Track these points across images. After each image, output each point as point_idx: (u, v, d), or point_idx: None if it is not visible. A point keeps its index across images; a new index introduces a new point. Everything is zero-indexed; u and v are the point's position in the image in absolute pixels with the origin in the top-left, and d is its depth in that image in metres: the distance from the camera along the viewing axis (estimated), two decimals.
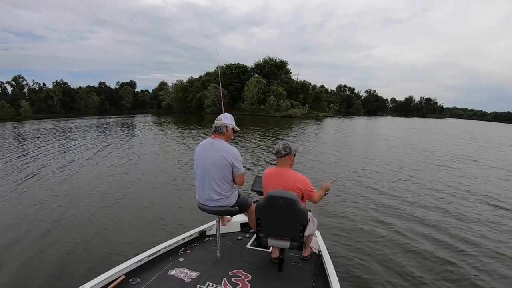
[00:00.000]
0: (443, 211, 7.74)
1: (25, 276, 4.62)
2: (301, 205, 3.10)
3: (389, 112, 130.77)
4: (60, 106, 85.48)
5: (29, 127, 36.46)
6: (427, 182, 10.69)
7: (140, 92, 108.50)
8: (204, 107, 73.57)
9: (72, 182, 10.06)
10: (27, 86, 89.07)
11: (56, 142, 20.80)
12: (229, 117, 3.54)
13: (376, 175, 10.60)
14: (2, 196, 8.60)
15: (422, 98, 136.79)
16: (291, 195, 3.10)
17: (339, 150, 17.91)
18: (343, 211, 7.49)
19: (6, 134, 29.62)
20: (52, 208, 7.62)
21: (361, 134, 30.88)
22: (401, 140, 25.93)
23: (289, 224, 3.18)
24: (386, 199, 8.63)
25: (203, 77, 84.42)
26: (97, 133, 27.77)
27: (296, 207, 3.06)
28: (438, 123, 72.52)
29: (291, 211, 3.08)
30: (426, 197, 8.95)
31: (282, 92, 70.87)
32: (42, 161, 13.87)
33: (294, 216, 3.11)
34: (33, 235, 6.07)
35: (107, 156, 15.10)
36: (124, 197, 8.49)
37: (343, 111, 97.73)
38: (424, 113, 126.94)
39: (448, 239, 6.09)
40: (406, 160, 15.54)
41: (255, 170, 11.29)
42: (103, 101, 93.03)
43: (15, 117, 69.10)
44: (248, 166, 12.00)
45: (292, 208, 3.07)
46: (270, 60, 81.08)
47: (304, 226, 3.15)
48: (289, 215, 3.11)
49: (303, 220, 3.12)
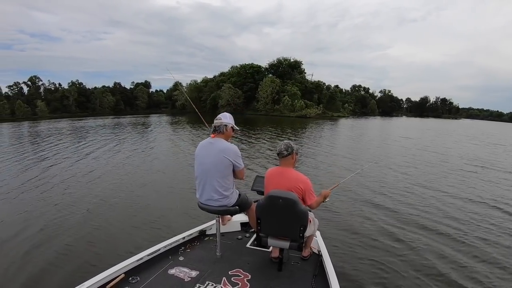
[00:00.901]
0: (448, 216, 7.57)
1: (23, 275, 4.64)
2: (301, 206, 3.12)
3: (404, 113, 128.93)
4: (75, 106, 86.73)
5: (45, 126, 37.22)
6: (436, 186, 10.35)
7: (154, 92, 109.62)
8: (218, 107, 73.60)
9: (73, 181, 10.21)
10: (43, 86, 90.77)
11: (67, 141, 21.29)
12: (229, 116, 3.56)
13: (381, 177, 10.86)
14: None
15: (438, 98, 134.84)
16: (291, 195, 3.11)
17: (351, 153, 17.46)
18: (344, 211, 7.52)
19: (23, 132, 30.40)
20: (52, 205, 7.77)
21: (375, 136, 30.11)
22: (414, 142, 25.07)
23: (289, 224, 3.19)
24: (388, 200, 8.60)
25: (217, 77, 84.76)
26: (109, 133, 28.16)
27: (297, 207, 3.08)
28: (454, 124, 70.97)
29: (291, 211, 3.09)
30: (430, 200, 8.79)
31: (297, 92, 70.48)
32: (48, 160, 14.24)
33: (294, 217, 3.12)
34: (32, 232, 6.19)
35: (114, 155, 15.33)
36: (125, 196, 8.57)
37: (358, 111, 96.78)
38: (440, 113, 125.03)
39: (449, 242, 6.08)
40: (416, 162, 14.90)
41: (261, 172, 11.10)
42: (118, 101, 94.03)
43: (31, 116, 70.38)
44: (256, 169, 11.89)
45: (292, 209, 3.08)
46: (284, 60, 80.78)
47: (304, 226, 3.16)
48: (289, 215, 3.13)
49: (303, 220, 3.13)
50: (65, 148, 18.08)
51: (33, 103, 78.42)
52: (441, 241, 6.07)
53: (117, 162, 13.54)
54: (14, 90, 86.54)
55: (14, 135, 28.59)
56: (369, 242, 5.87)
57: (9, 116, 70.38)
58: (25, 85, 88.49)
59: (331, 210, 7.41)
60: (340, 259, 5.08)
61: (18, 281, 4.48)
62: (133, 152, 16.44)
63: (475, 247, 5.86)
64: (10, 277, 4.58)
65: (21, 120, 59.09)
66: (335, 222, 6.80)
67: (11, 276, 4.62)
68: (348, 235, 6.14)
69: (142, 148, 18.00)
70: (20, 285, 4.40)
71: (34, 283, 4.45)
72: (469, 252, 5.65)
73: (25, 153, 16.33)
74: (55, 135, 26.19)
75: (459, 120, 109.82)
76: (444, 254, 5.55)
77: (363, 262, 5.10)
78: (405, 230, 6.56)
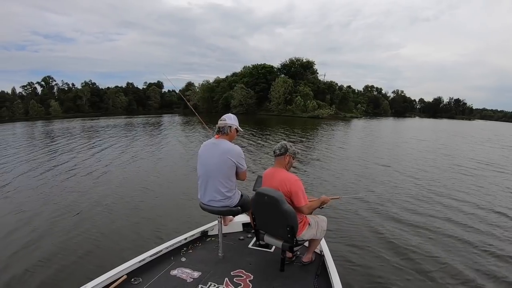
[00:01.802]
0: (458, 222, 7.13)
1: (25, 275, 4.60)
2: (286, 205, 3.08)
3: (417, 113, 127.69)
4: (88, 105, 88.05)
5: (56, 126, 38.00)
6: (451, 192, 9.57)
7: (167, 92, 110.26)
8: (230, 107, 73.65)
9: (75, 181, 10.25)
10: (56, 87, 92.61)
11: (76, 141, 21.56)
12: (233, 118, 3.56)
13: (391, 181, 10.50)
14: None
15: (451, 98, 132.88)
16: (276, 194, 3.11)
17: (363, 157, 16.09)
18: (346, 212, 7.37)
19: (37, 131, 30.85)
20: (52, 204, 7.80)
21: (387, 138, 28.77)
22: (428, 144, 23.63)
23: (276, 223, 3.21)
24: (393, 201, 8.40)
25: (229, 78, 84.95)
26: (119, 132, 28.33)
27: (280, 206, 3.05)
28: (467, 125, 69.53)
29: (276, 210, 3.08)
30: (439, 204, 8.32)
31: (309, 92, 70.08)
32: (55, 159, 14.40)
33: (279, 215, 3.10)
34: (33, 231, 6.15)
35: (120, 155, 15.28)
36: (127, 196, 8.49)
37: (370, 111, 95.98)
38: (453, 114, 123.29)
39: (452, 246, 5.84)
40: (428, 166, 13.84)
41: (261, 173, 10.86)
42: (131, 101, 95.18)
43: (44, 116, 71.76)
44: (262, 171, 11.39)
45: (276, 207, 3.07)
46: (296, 60, 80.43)
47: (292, 227, 3.09)
48: (275, 214, 3.12)
49: (289, 220, 3.08)
50: (73, 147, 18.34)
51: (47, 103, 79.86)
52: (447, 244, 5.87)
53: (122, 162, 13.56)
54: (28, 90, 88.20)
55: (25, 134, 29.37)
56: (373, 243, 5.77)
57: (23, 116, 71.65)
58: (38, 85, 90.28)
59: (333, 210, 7.23)
60: (342, 259, 5.04)
61: (19, 281, 4.45)
62: (139, 152, 16.40)
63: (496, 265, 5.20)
64: (12, 278, 4.54)
65: (35, 120, 60.13)
66: (338, 222, 6.65)
67: (13, 276, 4.58)
68: (352, 235, 6.05)
69: (148, 148, 17.98)
70: (23, 285, 4.37)
71: (36, 283, 4.42)
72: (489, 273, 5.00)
73: (31, 152, 16.66)
74: (64, 135, 26.60)
75: (472, 121, 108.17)
76: (451, 258, 5.32)
77: (366, 263, 5.03)
78: (411, 232, 6.41)
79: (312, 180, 10.17)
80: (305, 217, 3.38)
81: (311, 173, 11.28)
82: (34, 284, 4.40)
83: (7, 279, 4.48)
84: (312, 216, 3.49)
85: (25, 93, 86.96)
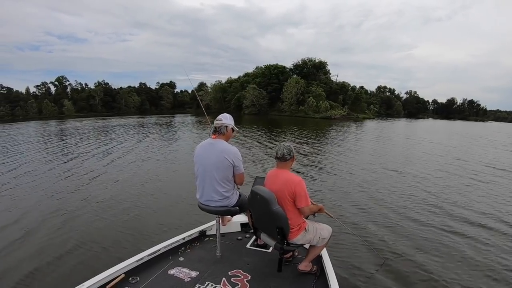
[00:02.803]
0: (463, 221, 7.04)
1: (22, 274, 4.55)
2: (276, 206, 3.07)
3: (430, 114, 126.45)
4: (101, 105, 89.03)
5: (69, 125, 38.62)
6: (463, 198, 8.92)
7: (179, 93, 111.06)
8: (243, 107, 73.77)
9: (71, 180, 10.24)
10: (70, 86, 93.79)
11: (85, 140, 21.73)
12: (229, 117, 3.58)
13: (393, 185, 10.07)
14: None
15: (465, 100, 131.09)
16: (267, 194, 3.13)
17: (373, 161, 14.96)
18: (345, 212, 7.29)
19: (46, 130, 31.60)
20: (51, 204, 7.74)
21: (400, 140, 27.13)
22: (441, 148, 21.51)
23: (269, 223, 3.23)
24: (392, 204, 8.19)
25: (241, 78, 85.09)
26: (129, 132, 28.57)
27: (270, 207, 3.06)
28: (481, 127, 67.68)
29: (267, 210, 3.09)
30: (445, 214, 7.68)
31: (322, 93, 69.64)
32: (60, 158, 14.46)
33: (269, 215, 3.11)
34: (30, 231, 6.11)
35: (123, 155, 15.22)
36: (126, 196, 8.46)
37: (383, 113, 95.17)
38: (466, 115, 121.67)
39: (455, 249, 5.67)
40: (440, 172, 12.55)
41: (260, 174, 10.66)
42: (143, 101, 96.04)
43: (57, 115, 72.69)
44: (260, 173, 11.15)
45: (266, 207, 3.08)
46: (309, 60, 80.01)
47: (282, 228, 3.08)
48: (267, 213, 3.13)
49: (277, 221, 3.07)
50: (77, 147, 18.48)
51: (60, 102, 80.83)
52: (450, 246, 5.74)
53: (123, 162, 13.60)
54: (42, 90, 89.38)
55: (37, 133, 29.80)
56: (372, 244, 5.67)
57: (37, 115, 72.62)
58: (52, 85, 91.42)
59: (332, 211, 7.12)
60: (340, 261, 5.02)
61: (17, 280, 4.41)
62: (142, 152, 16.44)
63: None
64: (10, 276, 4.51)
65: (48, 119, 60.91)
66: (335, 224, 6.51)
67: (11, 275, 4.55)
68: (350, 237, 5.93)
69: (152, 148, 17.98)
70: (20, 284, 4.34)
71: (33, 282, 4.40)
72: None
73: (34, 151, 16.75)
74: (72, 134, 26.93)
75: (486, 123, 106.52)
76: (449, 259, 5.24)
77: (363, 265, 4.98)
78: (411, 234, 6.27)
79: (313, 187, 9.65)
80: (303, 222, 3.32)
81: (315, 178, 10.89)
82: (31, 283, 4.39)
83: (2, 279, 4.46)
84: (313, 222, 3.47)
85: (39, 92, 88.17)
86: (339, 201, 8.19)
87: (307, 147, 18.95)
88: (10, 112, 72.80)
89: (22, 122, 51.85)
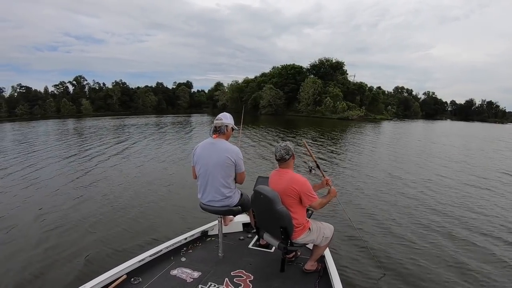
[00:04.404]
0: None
1: (24, 274, 4.53)
2: (279, 206, 3.08)
3: (448, 116, 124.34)
4: (118, 104, 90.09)
5: (86, 124, 39.51)
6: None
7: (196, 92, 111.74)
8: (259, 107, 73.67)
9: (73, 178, 10.36)
10: (87, 86, 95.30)
11: (98, 139, 22.14)
12: (229, 117, 3.61)
13: (399, 187, 9.82)
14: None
15: (483, 101, 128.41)
16: (271, 193, 3.14)
17: (388, 169, 13.04)
18: (352, 213, 7.06)
19: (63, 128, 32.59)
20: (50, 203, 7.78)
21: (418, 145, 24.27)
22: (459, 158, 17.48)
23: (272, 223, 3.24)
24: (397, 205, 8.11)
25: (258, 78, 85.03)
26: (139, 131, 28.91)
27: (274, 206, 3.06)
28: (502, 130, 64.43)
29: (270, 209, 3.10)
30: (451, 216, 7.43)
31: (339, 93, 69.00)
32: (66, 157, 14.62)
33: (273, 215, 3.12)
34: (31, 231, 6.11)
35: (130, 155, 15.23)
36: (129, 196, 8.46)
37: (401, 113, 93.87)
38: (485, 117, 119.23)
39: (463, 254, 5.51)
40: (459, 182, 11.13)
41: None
42: (160, 101, 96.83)
43: (75, 114, 73.77)
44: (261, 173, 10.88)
45: (270, 206, 3.09)
46: (326, 60, 79.42)
47: (285, 228, 3.09)
48: (270, 213, 3.13)
49: (281, 221, 3.08)
50: (90, 145, 18.88)
51: (78, 101, 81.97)
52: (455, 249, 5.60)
53: (127, 160, 13.71)
54: (60, 89, 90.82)
55: (54, 131, 30.67)
56: (374, 245, 5.65)
57: (55, 114, 73.71)
58: (70, 85, 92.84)
59: (334, 211, 7.12)
60: (344, 261, 5.00)
61: (18, 280, 4.40)
62: (147, 151, 16.59)
63: None
64: (11, 276, 4.49)
65: (66, 118, 61.90)
66: (338, 223, 6.41)
67: (12, 275, 4.53)
68: (353, 238, 5.88)
69: (159, 147, 18.11)
70: (21, 284, 4.32)
71: (35, 282, 4.37)
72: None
73: (48, 149, 17.12)
74: (87, 133, 27.31)
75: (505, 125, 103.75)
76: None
77: (367, 266, 4.95)
78: (414, 233, 6.25)
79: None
80: (306, 222, 3.34)
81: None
82: (33, 282, 4.36)
83: (3, 277, 4.45)
84: (316, 221, 3.48)
85: (57, 92, 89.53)
86: (349, 202, 8.11)
87: (324, 149, 18.71)
88: (29, 111, 74.07)
89: (41, 121, 53.05)
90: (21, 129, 33.24)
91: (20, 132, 30.29)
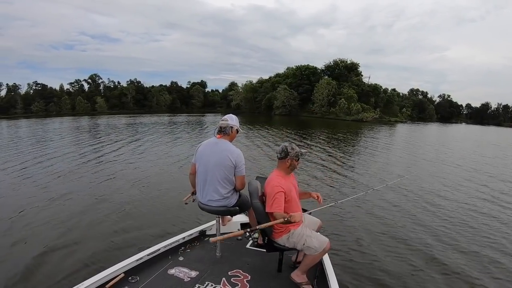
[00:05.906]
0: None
1: (21, 273, 4.54)
2: (254, 200, 3.20)
3: (463, 119, 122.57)
4: (133, 103, 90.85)
5: (100, 121, 40.24)
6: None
7: (210, 92, 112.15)
8: (273, 108, 73.67)
9: (72, 177, 10.38)
10: (102, 84, 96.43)
11: (109, 137, 22.41)
12: (234, 118, 3.61)
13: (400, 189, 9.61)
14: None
15: (499, 104, 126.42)
16: (252, 187, 3.36)
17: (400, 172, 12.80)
18: (345, 213, 7.25)
19: (76, 126, 32.93)
20: (49, 202, 7.77)
21: (432, 150, 22.20)
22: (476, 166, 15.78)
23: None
24: (396, 207, 8.11)
25: (272, 78, 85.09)
26: (148, 130, 29.09)
27: (252, 198, 3.26)
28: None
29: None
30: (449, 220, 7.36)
31: (353, 95, 68.61)
32: (69, 155, 14.77)
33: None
34: (30, 229, 6.10)
35: (129, 155, 15.20)
36: (128, 195, 8.49)
37: (415, 116, 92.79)
38: (501, 121, 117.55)
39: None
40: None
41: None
42: (174, 100, 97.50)
43: (90, 112, 74.68)
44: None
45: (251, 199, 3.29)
46: (340, 61, 78.80)
47: (259, 223, 3.09)
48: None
49: (257, 215, 3.23)
50: (96, 143, 19.01)
51: (93, 99, 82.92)
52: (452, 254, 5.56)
53: (129, 159, 13.83)
54: (75, 87, 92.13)
55: (67, 128, 30.95)
56: (372, 246, 5.70)
57: (70, 111, 74.75)
58: (85, 83, 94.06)
59: (331, 212, 7.01)
60: (341, 262, 5.05)
61: (16, 279, 4.40)
62: (151, 150, 16.68)
63: None
64: (9, 275, 4.50)
65: (81, 115, 62.65)
66: (335, 224, 6.54)
67: (10, 273, 4.53)
68: (350, 238, 5.96)
69: (163, 146, 18.17)
70: (18, 283, 4.33)
71: (32, 281, 4.39)
72: None
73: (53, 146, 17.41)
74: (99, 130, 28.06)
75: None
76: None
77: (364, 266, 5.01)
78: (413, 237, 6.22)
79: (327, 191, 9.36)
80: (292, 225, 3.17)
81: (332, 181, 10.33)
82: (31, 281, 4.38)
83: (3, 277, 4.45)
84: (306, 228, 3.28)
85: (72, 89, 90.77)
86: (353, 207, 7.92)
87: (334, 151, 18.66)
88: (44, 108, 75.38)
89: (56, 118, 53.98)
90: (36, 126, 33.70)
91: (35, 128, 30.75)
